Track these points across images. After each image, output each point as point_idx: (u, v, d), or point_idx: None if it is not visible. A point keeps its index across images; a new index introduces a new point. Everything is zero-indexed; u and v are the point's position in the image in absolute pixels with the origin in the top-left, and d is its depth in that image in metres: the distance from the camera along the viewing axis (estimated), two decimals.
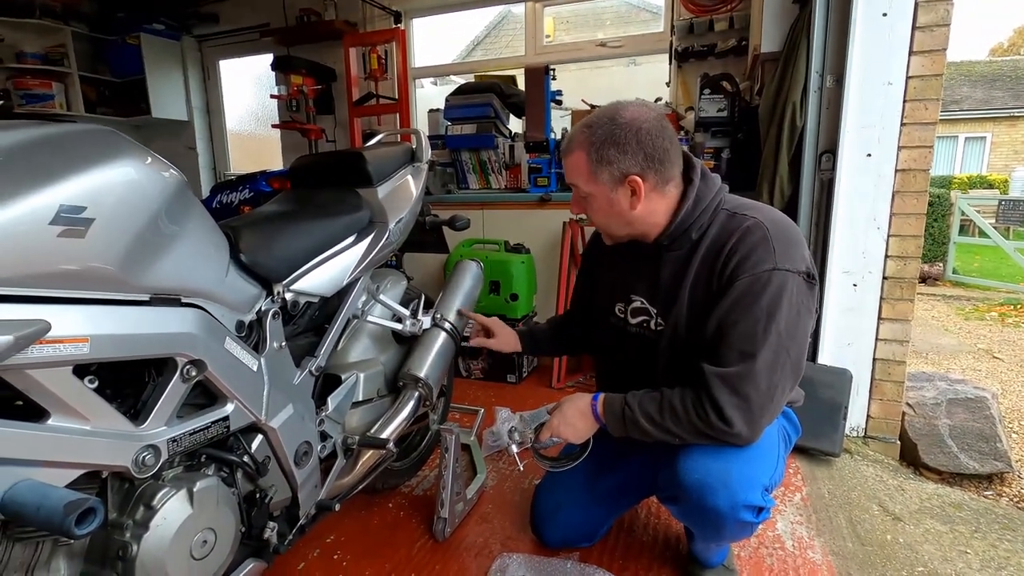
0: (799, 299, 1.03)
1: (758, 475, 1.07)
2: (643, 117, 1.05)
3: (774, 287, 1.01)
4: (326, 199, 1.31)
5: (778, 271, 1.01)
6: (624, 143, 1.04)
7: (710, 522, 1.10)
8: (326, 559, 1.41)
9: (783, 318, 1.01)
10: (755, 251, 1.03)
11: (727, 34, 2.74)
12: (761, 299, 1.01)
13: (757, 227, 1.05)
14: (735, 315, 1.03)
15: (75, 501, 0.63)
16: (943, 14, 1.77)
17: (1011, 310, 4.91)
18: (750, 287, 1.02)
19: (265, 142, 4.24)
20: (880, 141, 1.87)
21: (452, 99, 3.02)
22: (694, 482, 1.07)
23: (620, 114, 1.06)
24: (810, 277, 1.05)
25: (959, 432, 2.04)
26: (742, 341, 1.02)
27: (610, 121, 1.06)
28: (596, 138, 1.06)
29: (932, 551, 1.51)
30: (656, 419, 1.09)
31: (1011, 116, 12.99)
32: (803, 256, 1.05)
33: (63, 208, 0.67)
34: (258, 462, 1.04)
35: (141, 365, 0.85)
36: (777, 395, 1.03)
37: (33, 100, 3.75)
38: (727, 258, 1.05)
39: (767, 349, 1.00)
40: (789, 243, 1.04)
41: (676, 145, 1.09)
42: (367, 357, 1.41)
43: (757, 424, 1.03)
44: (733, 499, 1.04)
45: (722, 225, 1.10)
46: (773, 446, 1.15)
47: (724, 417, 1.02)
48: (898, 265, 1.93)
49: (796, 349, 1.04)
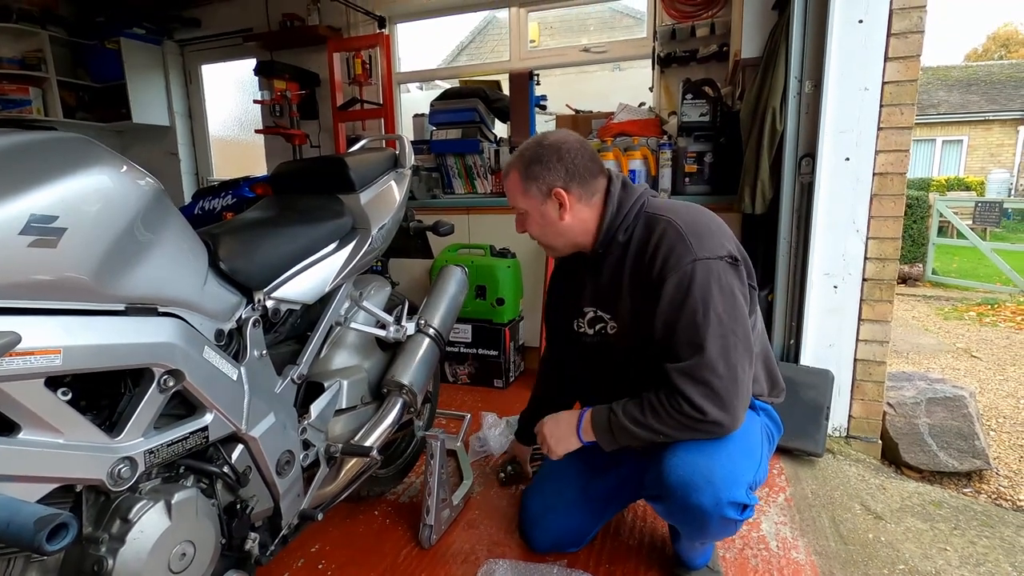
0: (727, 280, 1.09)
1: (742, 473, 1.10)
2: (565, 139, 1.21)
3: (700, 276, 1.08)
4: (308, 205, 1.30)
5: (699, 261, 1.08)
6: (547, 160, 1.19)
7: (695, 519, 1.11)
8: (311, 569, 1.40)
9: (718, 303, 1.07)
10: (674, 249, 1.10)
11: (709, 40, 2.77)
12: (692, 291, 1.07)
13: (670, 226, 1.13)
14: (674, 313, 1.09)
15: (46, 516, 0.62)
16: (917, 21, 1.81)
17: (988, 310, 5.01)
18: (679, 283, 1.09)
19: (249, 147, 4.19)
20: (858, 145, 1.91)
21: (437, 104, 3.02)
22: (678, 479, 1.08)
23: (546, 138, 1.22)
24: (733, 260, 1.11)
25: (938, 431, 2.08)
26: (688, 334, 1.08)
27: (536, 144, 1.21)
28: (525, 159, 1.21)
29: (913, 549, 1.53)
30: (640, 420, 1.12)
31: (986, 120, 13.32)
32: (721, 243, 1.12)
33: (34, 218, 0.66)
34: (238, 472, 1.03)
35: (117, 376, 0.83)
36: (739, 375, 1.08)
37: (10, 106, 3.68)
38: (651, 260, 1.13)
39: (712, 335, 1.06)
40: (702, 234, 1.11)
41: (597, 162, 1.23)
42: (350, 364, 1.40)
43: (730, 406, 1.06)
44: (717, 496, 1.06)
45: (645, 226, 1.19)
46: (757, 444, 1.18)
47: (695, 407, 1.06)
48: (877, 267, 1.96)
49: (741, 327, 1.09)
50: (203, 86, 4.24)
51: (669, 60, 2.87)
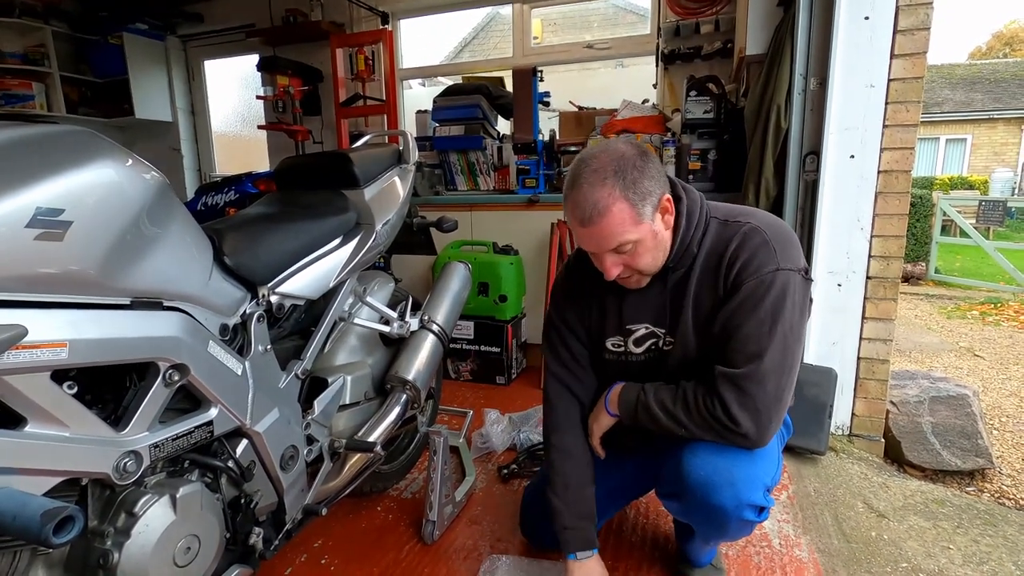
0: (801, 298, 1.05)
1: (761, 475, 1.08)
2: (629, 147, 1.04)
3: (778, 287, 1.02)
4: (312, 201, 1.30)
5: (781, 271, 1.03)
6: (643, 167, 1.01)
7: (714, 520, 1.10)
8: (313, 564, 1.40)
9: (787, 319, 1.02)
10: (757, 254, 1.04)
11: (713, 36, 2.76)
12: (766, 300, 1.02)
13: (755, 231, 1.06)
14: (740, 317, 1.04)
15: (53, 510, 0.62)
16: (923, 18, 1.80)
17: (991, 308, 5.00)
18: (755, 290, 1.03)
19: (251, 143, 4.19)
20: (863, 143, 1.90)
21: (440, 100, 3.01)
22: (699, 479, 1.07)
23: (620, 152, 1.02)
24: (806, 273, 1.07)
25: (941, 429, 2.07)
26: (748, 343, 1.03)
27: (619, 160, 1.01)
28: (624, 179, 1.00)
29: (916, 547, 1.53)
30: (668, 407, 1.10)
31: (990, 118, 13.27)
32: (799, 255, 1.07)
33: (40, 211, 0.66)
34: (243, 467, 1.03)
35: (122, 370, 0.83)
36: (784, 395, 1.05)
37: (13, 100, 3.68)
38: (729, 264, 1.06)
39: (773, 350, 1.02)
40: (787, 243, 1.06)
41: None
42: (354, 360, 1.40)
43: (764, 426, 1.03)
44: (738, 498, 1.05)
45: (717, 234, 1.10)
46: (774, 446, 1.15)
47: (731, 416, 1.02)
48: (881, 265, 1.96)
49: (799, 350, 1.06)
50: (206, 82, 4.24)
51: (673, 57, 2.86)
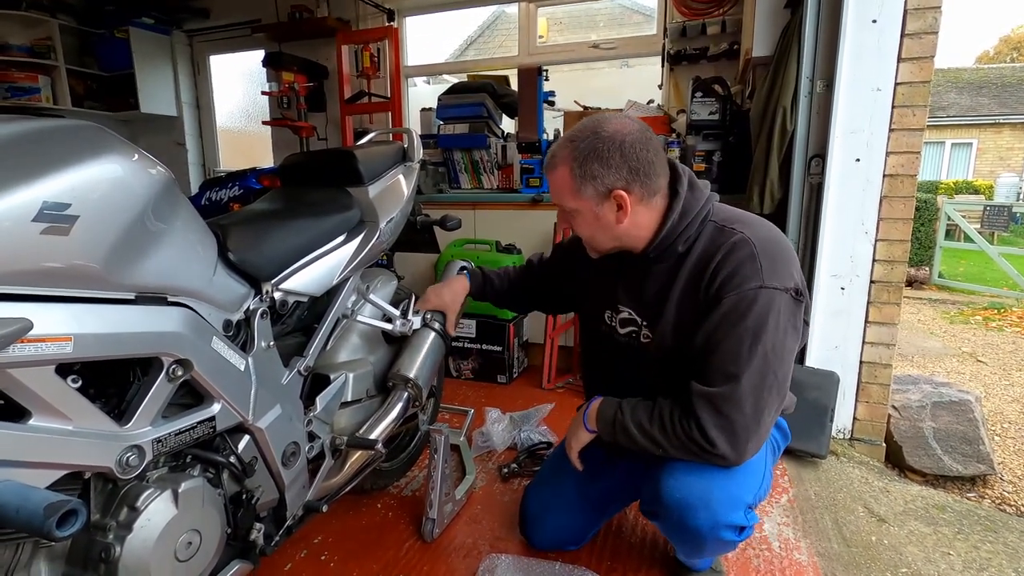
0: (786, 318, 1.01)
1: (741, 494, 1.06)
2: (626, 130, 1.02)
3: (760, 306, 0.98)
4: (316, 198, 1.30)
5: (764, 289, 0.99)
6: (608, 157, 1.01)
7: (690, 540, 1.10)
8: (313, 560, 1.40)
9: (769, 338, 0.99)
10: (741, 268, 1.00)
11: (719, 38, 2.76)
12: (747, 318, 0.99)
13: (744, 243, 1.02)
14: (720, 334, 1.01)
15: (56, 503, 0.62)
16: (931, 21, 1.80)
17: (995, 314, 4.98)
18: (735, 306, 1.00)
19: (256, 139, 4.19)
20: (869, 146, 1.89)
21: (445, 98, 3.01)
22: (675, 501, 1.06)
23: (603, 127, 1.03)
24: (798, 294, 1.03)
25: (943, 435, 2.07)
26: (727, 361, 1.00)
27: (593, 135, 1.02)
28: (579, 153, 1.03)
29: (916, 552, 1.53)
30: (645, 427, 1.08)
31: (996, 123, 13.22)
32: (791, 273, 1.03)
33: (46, 205, 0.66)
34: (245, 463, 1.03)
35: (126, 364, 0.83)
36: (764, 417, 1.01)
37: (19, 93, 3.69)
38: (713, 274, 1.03)
39: (752, 370, 0.99)
40: (776, 260, 1.02)
41: (661, 156, 1.06)
42: (356, 357, 1.40)
43: (742, 447, 1.01)
44: (714, 519, 1.04)
45: (710, 238, 1.07)
46: (760, 461, 1.13)
47: (707, 438, 1.00)
48: (885, 269, 1.95)
49: (783, 369, 1.02)
50: (211, 77, 4.24)
51: (679, 57, 2.85)
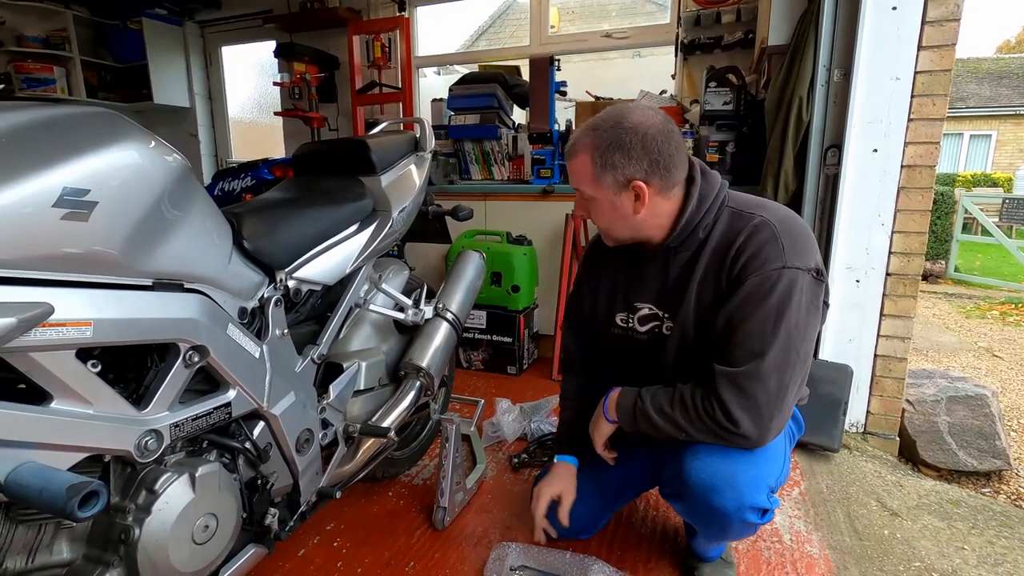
0: (808, 297, 1.02)
1: (765, 476, 1.07)
2: (649, 122, 1.03)
3: (783, 285, 1.00)
4: (330, 187, 1.31)
5: (787, 269, 1.00)
6: (629, 148, 1.02)
7: (715, 522, 1.09)
8: (326, 546, 1.42)
9: (793, 316, 1.00)
10: (763, 249, 1.02)
11: (734, 26, 2.71)
12: (770, 298, 1.00)
13: (765, 225, 1.04)
14: (743, 314, 1.02)
15: (78, 484, 0.63)
16: (953, 8, 1.76)
17: (1012, 309, 4.90)
18: (759, 286, 1.01)
19: (267, 129, 4.20)
20: (886, 136, 1.86)
21: (456, 89, 2.99)
22: (700, 482, 1.06)
23: (626, 118, 1.04)
24: (819, 274, 1.04)
25: (958, 429, 2.05)
26: (751, 340, 1.00)
27: (615, 125, 1.03)
28: (601, 142, 1.04)
29: (929, 547, 1.52)
30: (667, 411, 1.08)
31: (1017, 114, 12.92)
32: (812, 254, 1.04)
33: (67, 191, 0.67)
34: (260, 449, 1.04)
35: (144, 350, 0.84)
36: (787, 396, 1.02)
37: (34, 84, 3.72)
38: (735, 257, 1.04)
39: (776, 348, 0.99)
40: (797, 240, 1.03)
41: (682, 149, 1.07)
42: (369, 346, 1.41)
43: (765, 426, 1.01)
44: (740, 500, 1.04)
45: (728, 224, 1.08)
46: (780, 446, 1.14)
47: (731, 417, 1.00)
48: (901, 261, 1.93)
49: (805, 348, 1.03)
50: (223, 67, 4.25)
51: (693, 47, 2.81)
